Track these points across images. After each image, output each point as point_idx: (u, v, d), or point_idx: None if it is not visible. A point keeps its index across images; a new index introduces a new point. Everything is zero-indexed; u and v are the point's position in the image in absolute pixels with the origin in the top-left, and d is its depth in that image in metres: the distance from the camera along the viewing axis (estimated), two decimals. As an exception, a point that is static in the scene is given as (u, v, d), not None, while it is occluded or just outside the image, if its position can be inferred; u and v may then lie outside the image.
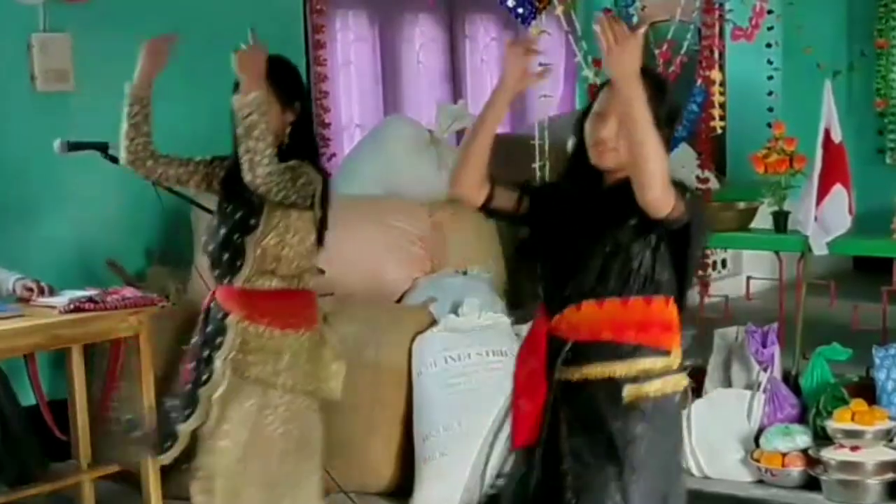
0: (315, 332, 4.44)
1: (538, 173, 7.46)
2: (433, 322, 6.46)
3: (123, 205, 6.94)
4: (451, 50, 9.54)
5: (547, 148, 7.47)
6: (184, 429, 4.41)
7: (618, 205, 3.48)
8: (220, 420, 4.33)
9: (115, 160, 5.54)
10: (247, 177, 4.11)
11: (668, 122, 3.58)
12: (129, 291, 5.87)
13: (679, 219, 3.43)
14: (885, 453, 5.81)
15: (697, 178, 7.77)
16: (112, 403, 6.35)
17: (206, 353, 4.43)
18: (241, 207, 4.33)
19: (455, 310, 6.51)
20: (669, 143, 3.57)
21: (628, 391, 3.54)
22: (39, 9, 6.77)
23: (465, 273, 7.07)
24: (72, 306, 5.56)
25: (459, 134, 8.87)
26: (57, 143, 5.60)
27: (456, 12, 9.62)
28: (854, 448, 5.80)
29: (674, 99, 3.71)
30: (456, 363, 6.27)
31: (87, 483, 5.94)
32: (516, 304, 7.50)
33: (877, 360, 6.14)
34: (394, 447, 6.25)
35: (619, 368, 3.56)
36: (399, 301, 6.97)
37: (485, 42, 9.81)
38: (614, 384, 3.56)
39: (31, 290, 5.74)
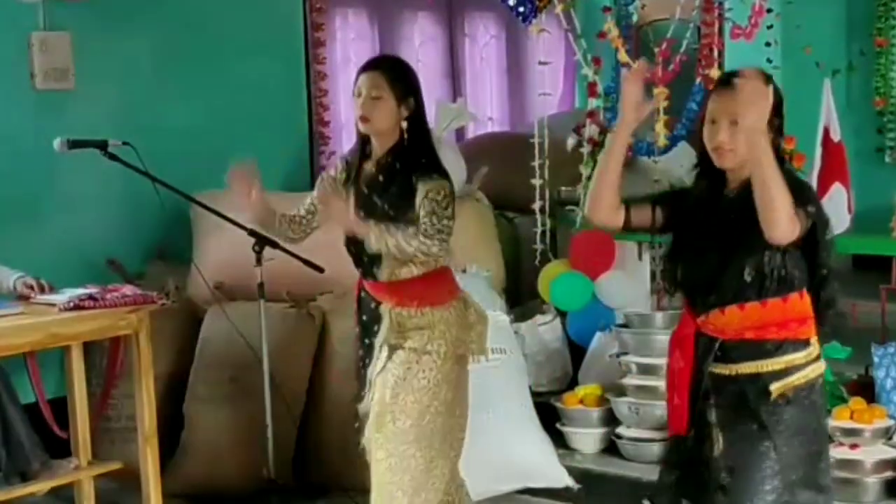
0: (459, 300, 4.71)
1: (537, 170, 7.46)
2: (432, 320, 6.45)
3: (123, 203, 6.95)
4: (450, 48, 9.55)
5: (546, 146, 7.47)
6: (362, 408, 4.78)
7: (745, 212, 3.67)
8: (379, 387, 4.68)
9: (114, 158, 5.55)
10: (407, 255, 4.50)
11: (776, 112, 3.82)
12: (128, 289, 5.86)
13: (805, 232, 3.70)
14: (884, 451, 5.81)
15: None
16: (112, 401, 6.36)
17: (366, 340, 4.80)
18: (373, 218, 4.56)
19: (454, 308, 6.50)
20: (782, 130, 3.95)
21: (776, 387, 3.84)
22: (39, 7, 6.77)
23: (464, 271, 7.05)
24: (71, 304, 5.56)
25: (459, 132, 8.90)
26: (57, 142, 5.60)
27: (455, 11, 9.64)
28: (853, 446, 5.80)
29: (776, 90, 3.90)
30: (455, 361, 6.27)
31: (86, 481, 5.95)
32: (515, 302, 7.52)
33: (876, 359, 6.14)
34: (393, 445, 6.25)
35: (765, 365, 3.86)
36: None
37: (484, 40, 9.83)
38: (761, 378, 3.85)
39: (31, 287, 5.74)
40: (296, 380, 6.37)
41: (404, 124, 4.61)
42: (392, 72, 4.66)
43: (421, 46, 9.29)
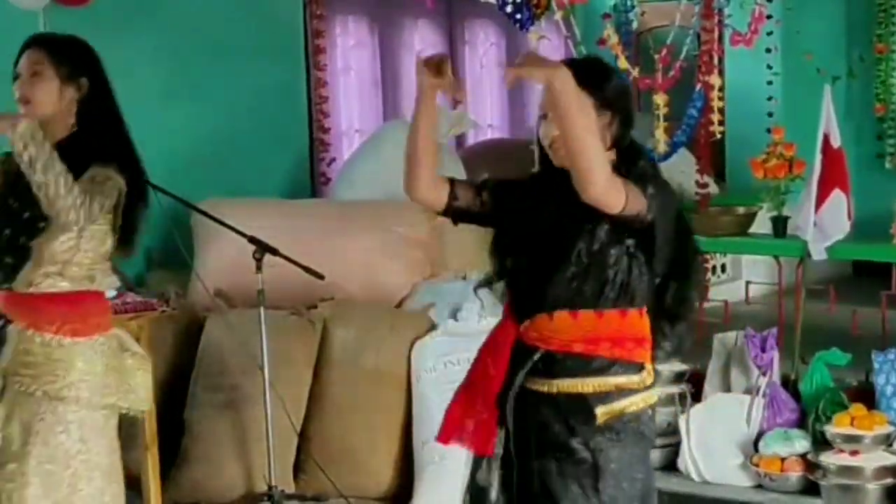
0: (111, 338, 4.05)
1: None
2: (432, 327, 6.46)
3: (123, 209, 6.94)
4: (450, 55, 9.54)
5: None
6: None
7: (589, 207, 3.32)
8: (6, 440, 3.91)
9: (114, 165, 5.53)
10: (49, 211, 3.75)
11: (609, 105, 3.45)
12: (129, 296, 5.86)
13: (640, 215, 3.33)
14: (884, 458, 5.80)
15: (697, 182, 7.79)
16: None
17: None
18: (29, 207, 3.85)
19: (454, 314, 6.51)
20: (623, 130, 3.49)
21: (602, 411, 3.42)
22: (39, 14, 6.77)
23: (464, 278, 7.06)
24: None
25: (459, 139, 8.90)
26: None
27: (455, 18, 9.64)
28: (853, 453, 5.79)
29: (619, 81, 3.60)
30: (455, 368, 6.26)
31: (86, 488, 5.94)
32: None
33: (876, 365, 6.13)
34: (393, 452, 6.25)
35: (590, 384, 3.44)
36: (398, 306, 6.97)
37: (484, 47, 9.83)
38: (586, 400, 3.44)
39: None
40: (296, 387, 6.36)
41: (74, 108, 4.01)
42: (55, 46, 4.10)
43: (421, 53, 9.28)
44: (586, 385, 3.44)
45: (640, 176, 3.37)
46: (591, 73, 3.43)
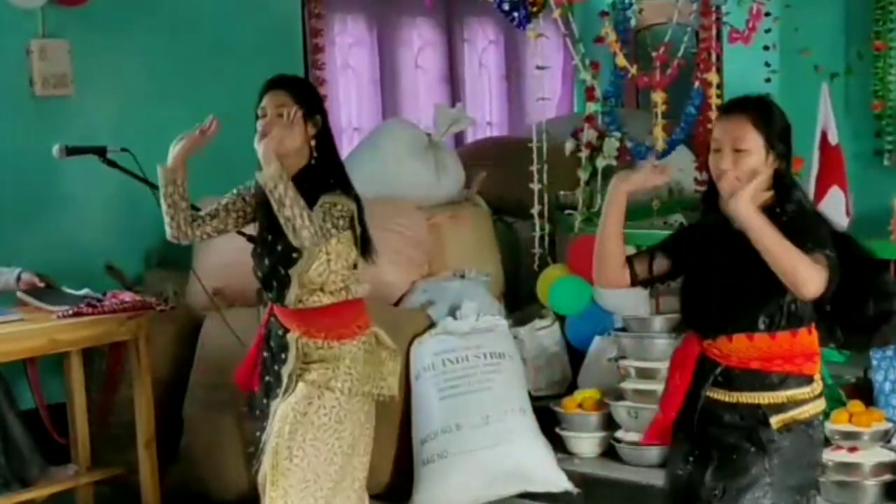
0: (370, 336, 4.61)
1: (535, 175, 7.46)
2: (431, 325, 6.48)
3: (122, 209, 6.96)
4: (449, 53, 9.56)
5: (545, 150, 7.47)
6: (263, 438, 4.61)
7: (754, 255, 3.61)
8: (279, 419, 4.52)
9: (113, 164, 5.56)
10: (294, 242, 4.31)
11: (781, 139, 3.78)
12: (127, 295, 5.88)
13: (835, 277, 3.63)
14: (882, 455, 5.81)
15: (695, 180, 7.78)
16: (111, 407, 6.37)
17: (274, 367, 4.61)
18: (282, 240, 4.43)
19: (453, 313, 6.53)
20: (790, 157, 3.81)
21: (777, 420, 3.78)
22: (38, 14, 6.78)
23: (462, 276, 7.08)
24: (70, 311, 5.58)
25: (457, 136, 8.91)
26: (56, 148, 5.60)
27: (454, 16, 9.65)
28: (852, 449, 5.80)
29: (782, 115, 3.86)
30: (454, 366, 6.29)
31: (85, 487, 5.96)
32: (514, 306, 7.53)
33: (874, 362, 6.15)
34: (392, 450, 6.27)
35: (766, 397, 3.80)
36: (397, 304, 6.98)
37: (483, 45, 9.84)
38: (761, 409, 3.79)
39: (32, 283, 5.79)
40: (295, 384, 6.37)
41: (313, 143, 4.51)
42: (297, 89, 4.61)
43: (420, 52, 9.30)
44: (763, 398, 3.80)
45: (814, 238, 3.64)
46: (763, 117, 3.77)
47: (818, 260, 3.57)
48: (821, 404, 3.95)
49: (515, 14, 7.30)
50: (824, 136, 6.48)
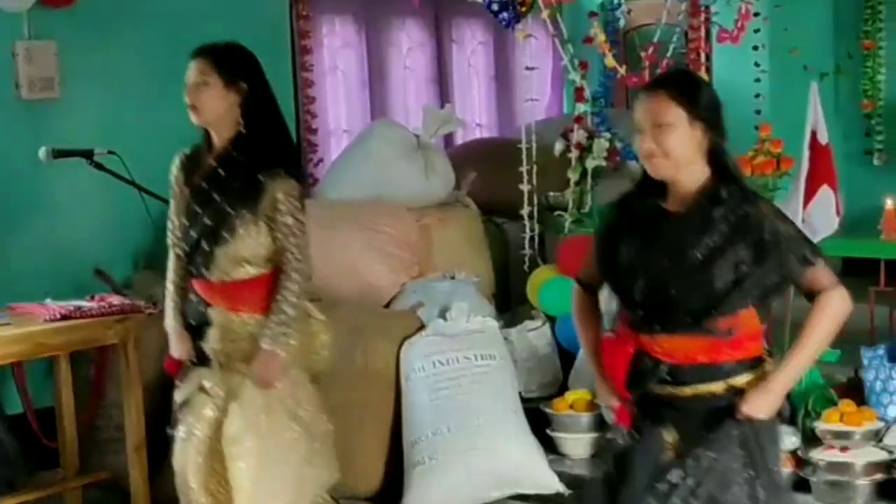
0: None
1: (525, 176, 7.44)
2: (421, 327, 6.46)
3: (109, 212, 6.91)
4: (437, 54, 9.54)
5: (534, 151, 7.46)
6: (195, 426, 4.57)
7: (695, 229, 3.56)
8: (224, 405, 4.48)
9: (100, 167, 5.54)
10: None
11: (706, 109, 3.62)
12: (115, 299, 5.86)
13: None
14: (874, 454, 5.79)
15: (685, 180, 7.78)
16: (100, 411, 6.34)
17: (198, 343, 4.55)
18: (213, 217, 4.40)
19: (443, 314, 6.50)
20: (722, 130, 3.66)
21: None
22: (24, 16, 6.75)
23: (452, 277, 7.06)
24: (58, 315, 5.55)
25: (447, 138, 8.89)
26: (42, 151, 5.59)
27: (442, 17, 9.62)
28: (843, 449, 5.79)
29: (707, 87, 3.77)
30: (444, 367, 6.26)
31: (73, 491, 5.93)
32: (504, 307, 7.51)
33: (865, 361, 6.13)
34: (382, 452, 6.24)
35: (719, 386, 3.65)
36: (387, 306, 6.96)
37: (472, 46, 9.82)
38: (723, 398, 3.65)
39: None
40: (285, 387, 6.35)
41: (239, 111, 4.46)
42: (217, 54, 4.55)
43: (408, 53, 9.28)
44: (717, 387, 3.65)
45: (806, 247, 3.60)
46: (682, 89, 3.62)
47: (822, 274, 3.57)
48: None
49: (504, 14, 7.28)
50: (814, 135, 6.47)
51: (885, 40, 9.88)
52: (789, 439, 5.96)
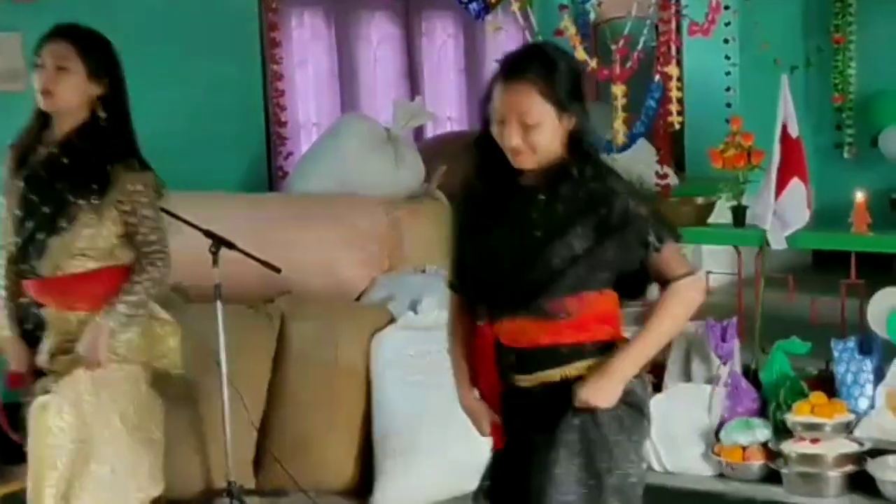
0: None
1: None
2: (391, 320, 6.42)
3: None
4: (407, 47, 9.52)
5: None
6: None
7: (538, 206, 3.36)
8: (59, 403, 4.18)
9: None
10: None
11: (572, 96, 3.38)
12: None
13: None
14: (844, 446, 5.80)
15: (657, 173, 7.77)
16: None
17: (35, 349, 4.21)
18: (49, 204, 4.11)
19: (413, 308, 6.47)
20: (585, 111, 3.42)
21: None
22: (-12, 11, 6.70)
23: (423, 271, 7.03)
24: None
25: (417, 131, 8.86)
26: (9, 145, 5.53)
27: (412, 10, 9.60)
28: (814, 441, 5.80)
29: (569, 68, 3.44)
30: (415, 361, 6.23)
31: (42, 486, 5.87)
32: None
33: (836, 353, 6.14)
34: (353, 445, 6.21)
35: (565, 371, 3.42)
36: (357, 299, 6.93)
37: (442, 39, 9.80)
38: (565, 385, 3.41)
39: None
40: (255, 381, 6.31)
41: (98, 105, 4.17)
42: (84, 42, 4.24)
43: (378, 46, 9.25)
44: (561, 373, 3.42)
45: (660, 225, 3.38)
46: (547, 79, 3.36)
47: (673, 259, 3.36)
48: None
49: (473, 5, 7.26)
50: (785, 128, 6.47)
51: (855, 34, 9.91)
52: (761, 431, 5.97)
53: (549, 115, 3.34)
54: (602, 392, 3.35)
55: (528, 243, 3.36)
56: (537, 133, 3.34)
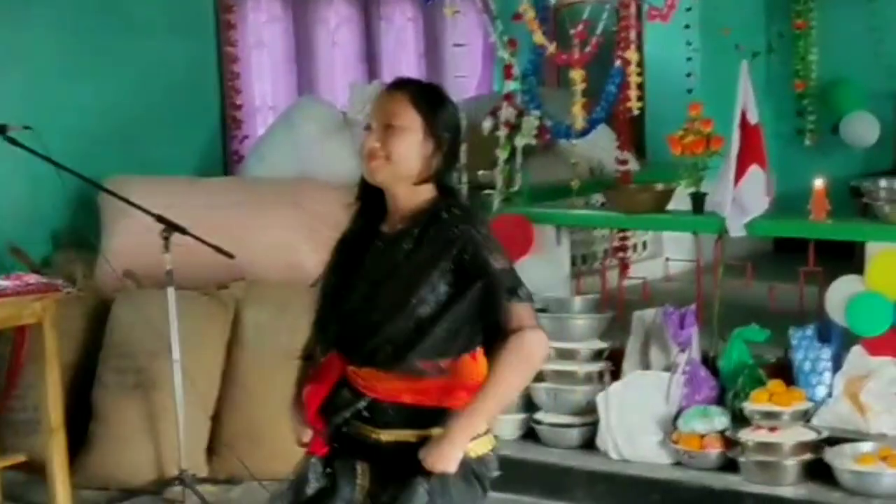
0: None
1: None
2: (347, 306, 6.37)
3: (25, 189, 6.78)
4: (366, 31, 9.42)
5: (463, 129, 7.37)
6: None
7: (402, 252, 3.25)
8: None
9: (14, 142, 5.43)
10: None
11: (446, 129, 3.32)
12: (32, 277, 5.72)
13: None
14: (802, 434, 5.79)
15: (616, 159, 7.73)
16: (16, 392, 6.23)
17: None
18: None
19: (370, 293, 6.42)
20: (454, 160, 3.37)
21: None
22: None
23: (380, 256, 6.97)
24: (-28, 293, 5.42)
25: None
26: (-44, 127, 5.46)
27: (371, -7, 9.52)
28: (772, 429, 5.78)
29: (453, 109, 3.39)
30: (370, 348, 6.18)
31: (-9, 473, 5.81)
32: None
33: (794, 341, 6.13)
34: (307, 434, 6.16)
35: (418, 434, 3.28)
36: (313, 286, 6.85)
37: (401, 23, 9.71)
38: (411, 448, 3.25)
39: None
40: (208, 369, 6.26)
41: None
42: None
43: (336, 29, 9.14)
44: (415, 436, 3.28)
45: (510, 285, 3.23)
46: (426, 98, 3.32)
47: (524, 311, 3.20)
48: (489, 442, 3.39)
49: (428, -11, 7.20)
50: (744, 115, 6.43)
51: (816, 20, 9.86)
52: (719, 419, 5.94)
53: (415, 126, 3.26)
54: (444, 457, 3.18)
55: (394, 291, 3.24)
56: (398, 138, 3.25)
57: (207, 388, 6.21)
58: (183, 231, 5.55)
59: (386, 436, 3.33)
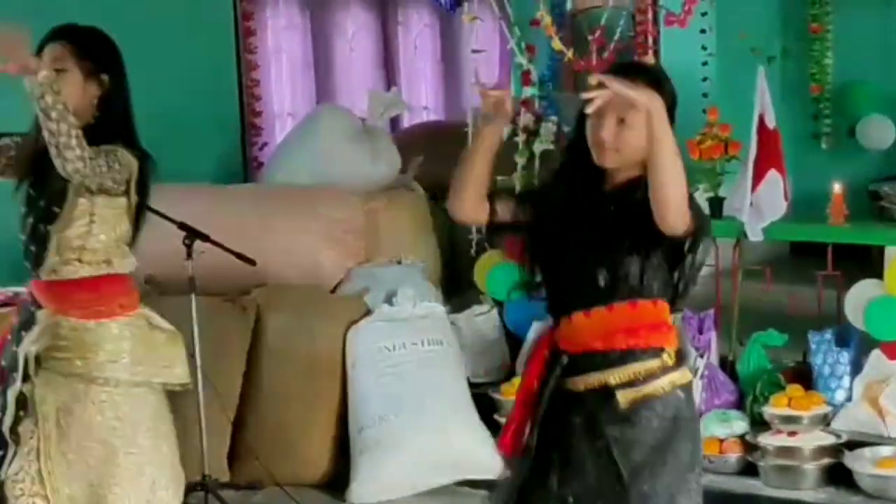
0: (138, 317, 4.12)
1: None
2: (367, 312, 6.41)
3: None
4: (383, 37, 9.48)
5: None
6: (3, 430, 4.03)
7: (619, 213, 3.45)
8: (42, 419, 3.98)
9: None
10: (57, 164, 3.73)
11: (670, 111, 3.48)
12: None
13: (686, 236, 3.39)
14: (821, 438, 5.80)
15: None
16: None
17: (13, 348, 4.06)
18: (45, 195, 3.97)
19: (389, 299, 6.46)
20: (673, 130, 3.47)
21: (623, 396, 3.46)
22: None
23: (399, 262, 7.02)
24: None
25: (393, 121, 8.83)
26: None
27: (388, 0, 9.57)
28: (791, 433, 5.79)
29: (672, 87, 3.67)
30: (391, 353, 6.22)
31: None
32: (451, 293, 7.47)
33: (812, 345, 6.14)
34: (329, 438, 6.20)
35: (612, 376, 3.48)
36: (333, 291, 6.90)
37: (418, 29, 9.76)
38: (610, 391, 3.47)
39: None
40: (230, 374, 6.28)
41: (95, 103, 4.00)
42: (81, 41, 4.05)
43: (354, 36, 9.20)
44: (608, 377, 3.48)
45: (689, 199, 3.39)
46: (654, 79, 3.56)
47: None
48: (681, 377, 3.55)
49: (443, 0, 7.25)
50: (762, 119, 6.45)
51: (832, 24, 9.89)
52: (738, 424, 5.96)
53: (639, 115, 3.35)
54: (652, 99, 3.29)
55: (605, 241, 3.46)
56: (629, 130, 3.44)
57: (230, 393, 6.24)
58: (205, 238, 5.58)
59: (581, 383, 3.53)
